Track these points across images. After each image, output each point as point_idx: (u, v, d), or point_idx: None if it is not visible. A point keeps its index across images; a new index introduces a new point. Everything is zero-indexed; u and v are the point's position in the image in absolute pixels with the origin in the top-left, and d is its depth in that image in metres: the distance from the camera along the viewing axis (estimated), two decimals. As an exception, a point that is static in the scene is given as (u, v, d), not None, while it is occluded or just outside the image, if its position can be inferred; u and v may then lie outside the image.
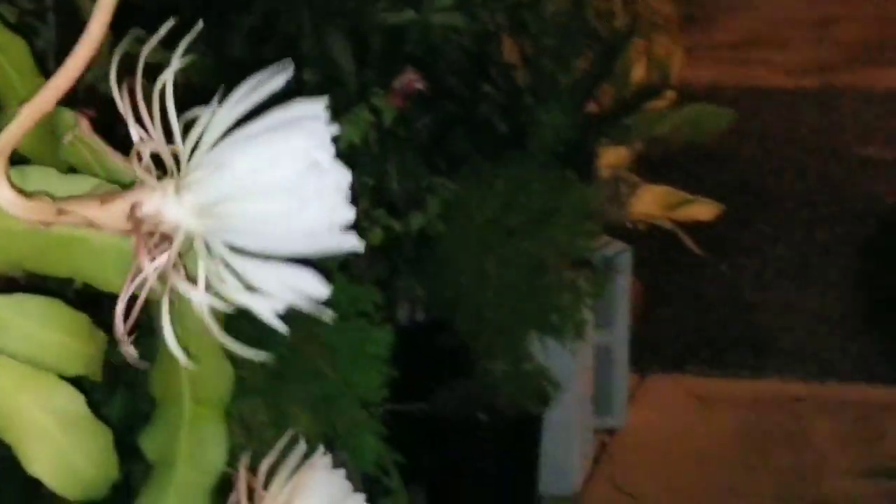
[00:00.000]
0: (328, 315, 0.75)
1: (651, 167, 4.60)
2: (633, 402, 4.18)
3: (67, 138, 0.77)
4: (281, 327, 0.77)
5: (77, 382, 1.05)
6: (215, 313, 1.07)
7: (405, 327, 3.37)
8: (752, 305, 5.06)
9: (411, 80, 2.30)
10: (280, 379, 1.90)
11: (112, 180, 1.03)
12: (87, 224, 0.75)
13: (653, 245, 4.55)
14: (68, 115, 1.00)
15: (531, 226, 3.09)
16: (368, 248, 2.70)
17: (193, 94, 0.77)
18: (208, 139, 0.70)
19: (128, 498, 1.38)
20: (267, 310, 0.73)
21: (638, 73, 4.15)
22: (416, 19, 2.81)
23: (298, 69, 0.74)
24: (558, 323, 3.17)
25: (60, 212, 0.74)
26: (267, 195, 0.69)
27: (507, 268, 3.09)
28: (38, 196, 0.76)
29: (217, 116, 0.70)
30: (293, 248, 0.71)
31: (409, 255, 3.22)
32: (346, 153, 0.75)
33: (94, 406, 1.06)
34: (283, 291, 0.73)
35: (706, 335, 4.82)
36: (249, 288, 0.73)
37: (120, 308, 0.75)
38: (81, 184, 0.84)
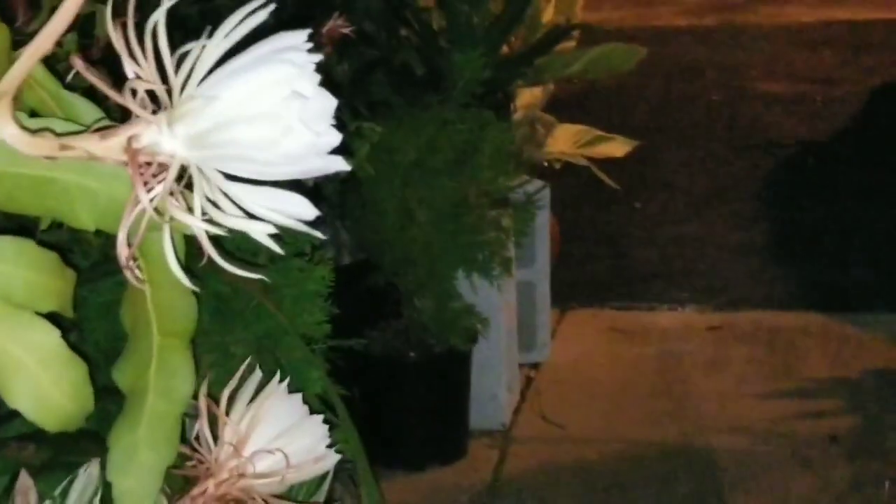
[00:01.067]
0: (318, 234, 0.80)
1: (564, 107, 4.68)
2: (556, 336, 4.27)
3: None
4: (275, 247, 0.81)
5: (51, 318, 1.09)
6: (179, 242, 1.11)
7: (332, 270, 3.41)
8: (666, 239, 5.18)
9: (337, 25, 2.32)
10: (224, 319, 1.94)
11: (73, 122, 1.07)
12: (87, 157, 0.79)
13: (568, 183, 4.64)
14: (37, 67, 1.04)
15: (453, 166, 3.15)
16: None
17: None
18: (198, 73, 0.74)
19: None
20: (260, 233, 0.77)
21: (547, 15, 4.20)
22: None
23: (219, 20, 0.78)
24: (484, 260, 3.23)
25: (63, 146, 0.78)
26: (253, 123, 0.74)
27: (431, 208, 3.14)
28: (41, 133, 0.80)
29: (205, 52, 0.74)
30: (281, 173, 0.76)
31: (332, 199, 3.26)
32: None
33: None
34: (274, 215, 0.78)
35: (622, 269, 4.93)
36: (242, 213, 0.77)
37: (122, 235, 0.79)
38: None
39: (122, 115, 0.98)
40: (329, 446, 1.35)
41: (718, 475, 3.36)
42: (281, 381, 1.47)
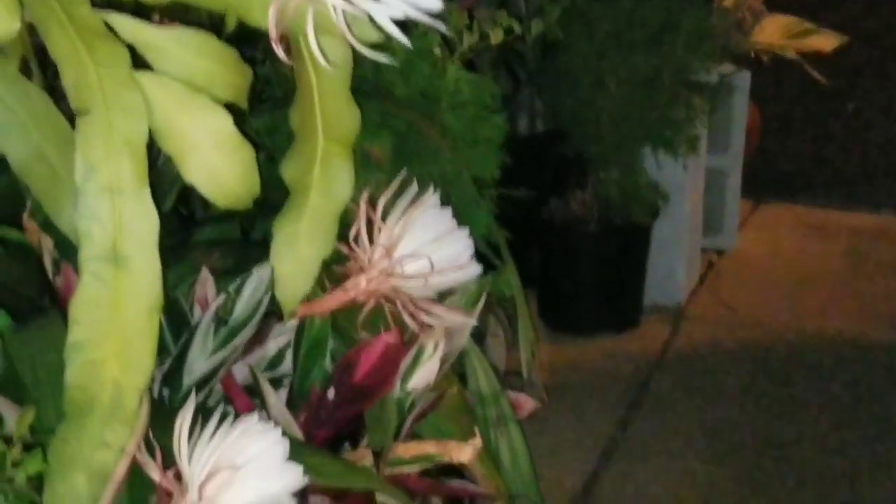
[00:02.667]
0: (442, 27, 0.89)
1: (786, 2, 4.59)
2: (745, 226, 4.29)
3: None
4: (399, 35, 0.91)
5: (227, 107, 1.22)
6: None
7: (524, 137, 3.51)
8: (871, 142, 5.08)
9: None
10: (402, 157, 2.05)
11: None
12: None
13: (777, 76, 4.59)
14: None
15: (649, 42, 3.17)
16: (491, 53, 2.81)
17: None
18: None
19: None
20: (384, 16, 0.87)
21: None
22: None
23: None
24: (671, 138, 3.27)
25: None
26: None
27: (623, 81, 3.19)
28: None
29: None
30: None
31: (530, 67, 3.33)
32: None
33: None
34: (403, 4, 0.88)
35: (823, 168, 4.88)
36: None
37: (272, 13, 0.90)
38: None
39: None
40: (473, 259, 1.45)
41: (885, 373, 3.35)
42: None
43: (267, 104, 2.00)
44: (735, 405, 3.15)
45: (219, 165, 1.19)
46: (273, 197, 1.44)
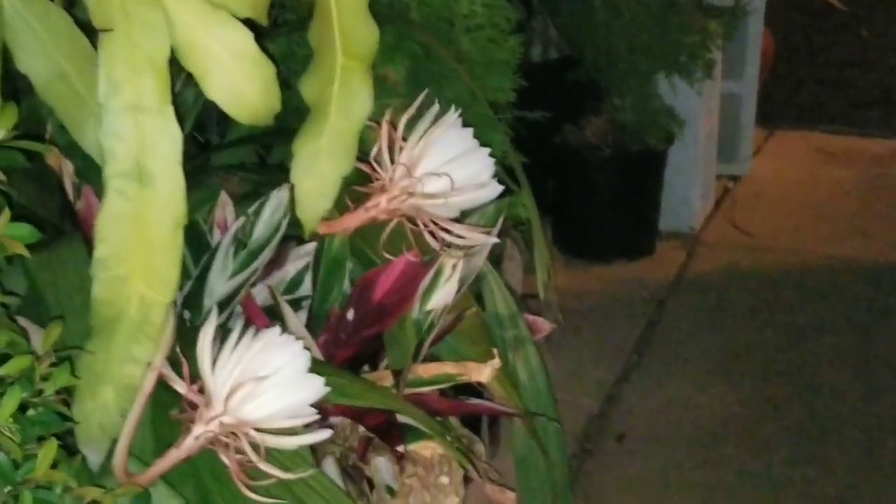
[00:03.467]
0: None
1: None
2: (760, 153, 4.28)
3: None
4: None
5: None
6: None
7: (538, 64, 3.49)
8: (888, 69, 5.05)
9: None
10: (417, 81, 2.05)
11: None
12: None
13: (793, 4, 4.56)
14: None
15: (664, -35, 3.16)
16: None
17: None
18: None
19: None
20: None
21: None
22: None
23: None
24: (686, 62, 3.25)
25: None
26: None
27: (638, 6, 3.16)
28: None
29: None
30: None
31: (544, -7, 3.31)
32: None
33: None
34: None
35: (840, 94, 4.85)
36: None
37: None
38: None
39: None
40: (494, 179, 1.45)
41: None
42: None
43: (282, 29, 1.99)
44: (750, 329, 3.16)
45: (240, 81, 1.19)
46: (289, 123, 1.44)
